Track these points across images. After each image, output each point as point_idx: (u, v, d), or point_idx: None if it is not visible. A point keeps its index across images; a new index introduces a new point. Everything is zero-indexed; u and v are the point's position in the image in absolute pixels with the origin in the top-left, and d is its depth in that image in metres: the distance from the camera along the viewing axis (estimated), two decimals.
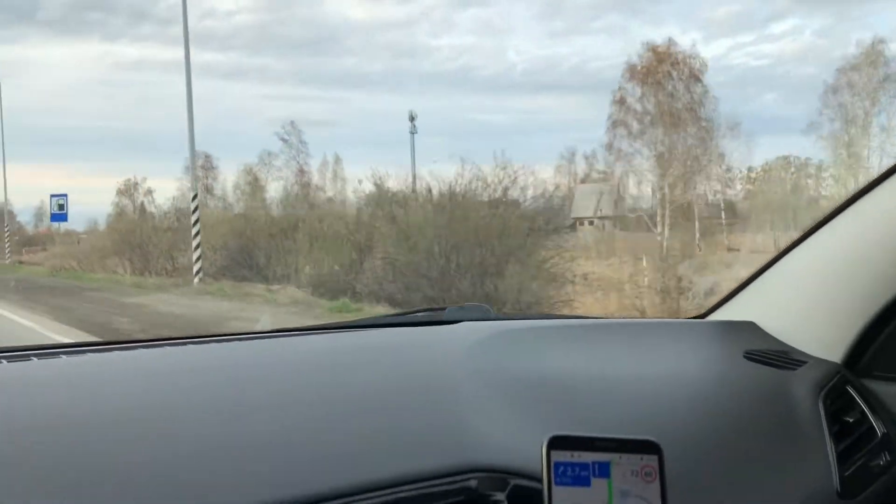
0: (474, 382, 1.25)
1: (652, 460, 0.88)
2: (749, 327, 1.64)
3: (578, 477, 0.88)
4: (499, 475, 1.01)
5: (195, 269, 16.19)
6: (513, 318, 1.84)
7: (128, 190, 48.23)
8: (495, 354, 1.42)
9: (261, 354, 1.52)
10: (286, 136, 40.72)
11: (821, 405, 1.31)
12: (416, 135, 37.20)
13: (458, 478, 0.99)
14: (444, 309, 1.84)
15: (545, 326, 1.72)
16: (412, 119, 40.67)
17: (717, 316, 1.76)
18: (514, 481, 1.00)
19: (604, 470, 0.88)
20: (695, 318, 1.84)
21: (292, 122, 41.80)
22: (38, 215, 61.08)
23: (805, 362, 1.47)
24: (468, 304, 1.89)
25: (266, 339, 1.66)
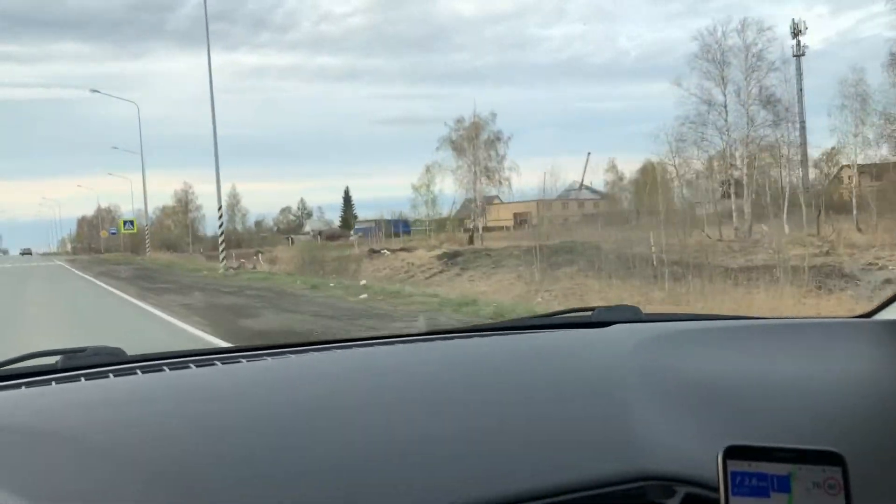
0: (639, 387, 1.21)
1: (835, 472, 0.81)
2: None
3: (756, 488, 0.82)
4: (669, 483, 0.97)
5: None
6: (664, 320, 1.76)
7: None
8: (657, 358, 1.36)
9: (422, 357, 1.53)
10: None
11: None
12: (801, 57, 30.75)
13: (628, 485, 0.96)
14: (591, 310, 1.79)
15: (702, 329, 1.64)
16: (797, 33, 31.40)
17: (886, 315, 1.61)
18: (684, 489, 0.95)
19: (783, 483, 0.82)
20: (860, 317, 1.68)
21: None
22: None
23: None
24: (617, 305, 1.81)
25: (424, 342, 1.68)
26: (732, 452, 0.83)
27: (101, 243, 74.53)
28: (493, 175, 38.00)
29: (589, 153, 68.68)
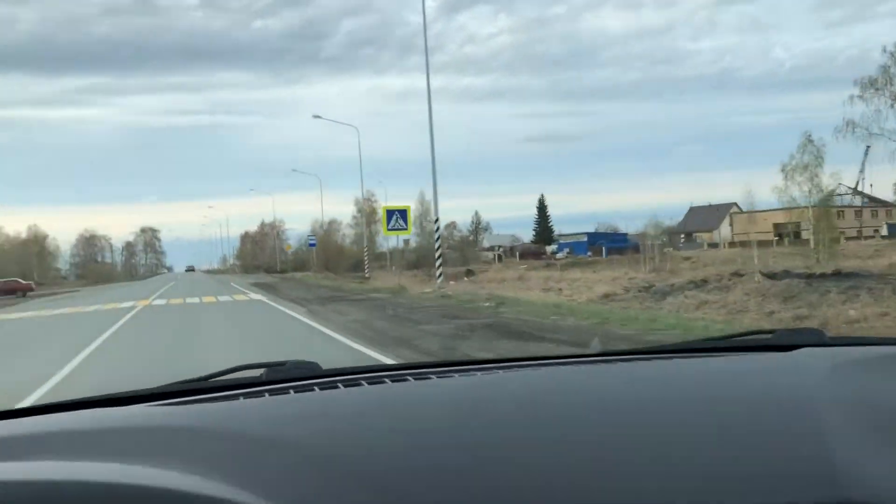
0: (834, 414, 1.15)
1: None
2: None
3: None
4: None
5: None
6: (852, 344, 1.67)
7: None
8: (851, 385, 1.29)
9: (607, 378, 1.51)
10: None
11: None
12: None
13: None
14: (771, 332, 1.72)
15: None
16: None
17: None
18: None
19: None
20: None
21: None
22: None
23: None
24: (800, 327, 1.73)
25: (605, 364, 1.66)
26: None
27: (276, 258, 71.70)
28: None
29: (868, 147, 54.95)
